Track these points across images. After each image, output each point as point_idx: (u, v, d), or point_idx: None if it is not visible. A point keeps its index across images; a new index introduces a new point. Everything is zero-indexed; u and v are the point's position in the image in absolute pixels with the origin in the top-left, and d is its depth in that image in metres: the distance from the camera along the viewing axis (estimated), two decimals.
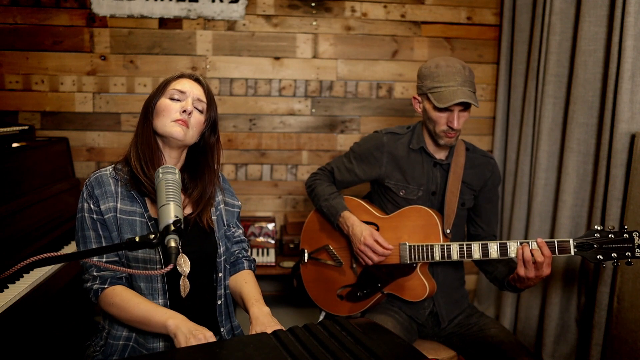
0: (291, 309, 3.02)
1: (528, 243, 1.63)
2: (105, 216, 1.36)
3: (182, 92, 1.41)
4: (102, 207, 1.36)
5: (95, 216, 1.37)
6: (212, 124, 1.48)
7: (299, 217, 2.94)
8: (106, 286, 1.36)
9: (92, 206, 1.37)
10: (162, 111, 1.39)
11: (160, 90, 1.43)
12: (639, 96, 1.96)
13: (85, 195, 1.38)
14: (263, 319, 1.34)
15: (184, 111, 1.38)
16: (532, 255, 1.60)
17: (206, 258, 1.45)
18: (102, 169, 1.42)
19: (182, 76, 1.45)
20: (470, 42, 2.97)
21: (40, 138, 2.61)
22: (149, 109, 1.42)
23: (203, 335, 1.21)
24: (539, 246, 1.61)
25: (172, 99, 1.40)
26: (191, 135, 1.41)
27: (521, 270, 1.63)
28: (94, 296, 1.37)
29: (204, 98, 1.44)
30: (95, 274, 1.37)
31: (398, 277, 1.83)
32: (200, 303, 1.44)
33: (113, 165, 1.44)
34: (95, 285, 1.36)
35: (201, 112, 1.43)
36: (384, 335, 1.12)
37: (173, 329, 1.24)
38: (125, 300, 1.33)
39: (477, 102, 1.72)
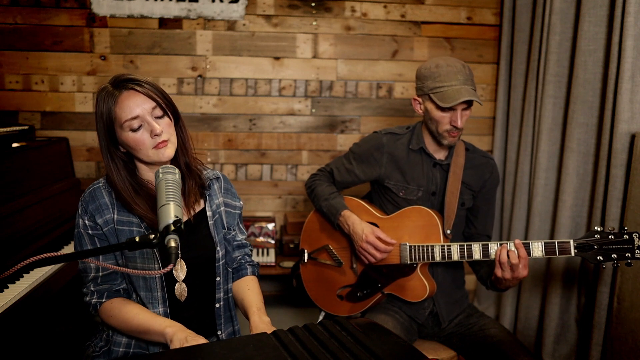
0: (291, 309, 3.02)
1: (507, 244, 1.65)
2: (104, 229, 1.35)
3: (134, 118, 1.28)
4: (99, 220, 1.35)
5: (91, 232, 1.36)
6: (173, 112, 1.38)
7: (299, 217, 2.94)
8: (104, 300, 1.37)
9: (86, 222, 1.36)
10: (135, 146, 1.31)
11: (111, 123, 1.30)
12: (639, 96, 1.95)
13: (80, 211, 1.37)
14: (263, 329, 1.33)
15: (156, 135, 1.30)
16: (508, 257, 1.62)
17: (205, 262, 1.44)
18: (96, 182, 1.40)
19: (119, 96, 1.29)
20: (470, 42, 2.97)
21: (40, 138, 2.61)
22: (112, 145, 1.33)
23: (196, 342, 1.22)
24: (515, 247, 1.63)
25: (133, 130, 1.30)
26: (173, 142, 1.35)
27: (498, 272, 1.66)
28: (93, 309, 1.38)
29: (152, 102, 1.31)
30: (92, 288, 1.37)
31: (398, 278, 1.83)
32: (199, 307, 1.44)
33: (105, 176, 1.40)
34: (93, 300, 1.37)
35: (162, 115, 1.33)
36: (384, 335, 1.12)
37: (170, 336, 1.26)
38: (124, 312, 1.34)
39: (480, 100, 1.72)
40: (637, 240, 1.55)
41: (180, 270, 1.39)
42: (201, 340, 1.24)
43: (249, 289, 1.49)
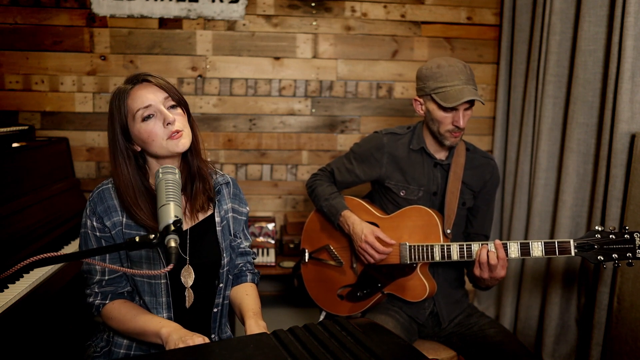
0: (291, 309, 3.02)
1: (487, 244, 1.67)
2: (112, 232, 1.34)
3: (146, 107, 1.27)
4: (107, 223, 1.34)
5: (98, 234, 1.35)
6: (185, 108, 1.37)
7: (299, 217, 2.94)
8: (107, 302, 1.36)
9: (95, 223, 1.34)
10: (148, 137, 1.28)
11: (124, 117, 1.30)
12: (639, 96, 1.96)
13: (88, 211, 1.35)
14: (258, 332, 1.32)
15: (168, 123, 1.27)
16: (488, 257, 1.64)
17: (210, 268, 1.44)
18: (105, 182, 1.38)
19: (132, 89, 1.30)
20: (470, 42, 2.97)
21: (40, 138, 2.61)
22: (125, 141, 1.31)
23: (192, 341, 1.21)
24: (495, 248, 1.64)
25: (145, 120, 1.28)
26: (188, 134, 1.33)
27: (477, 271, 1.68)
28: (95, 311, 1.38)
29: (165, 92, 1.30)
30: (97, 290, 1.37)
31: (398, 277, 1.83)
32: (199, 311, 1.44)
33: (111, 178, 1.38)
34: (97, 301, 1.36)
35: (175, 106, 1.32)
36: (384, 336, 1.12)
37: (165, 337, 1.25)
38: (123, 313, 1.34)
39: (482, 100, 1.72)
40: (638, 240, 1.55)
41: (189, 277, 1.39)
42: (195, 337, 1.23)
43: (247, 294, 1.49)
